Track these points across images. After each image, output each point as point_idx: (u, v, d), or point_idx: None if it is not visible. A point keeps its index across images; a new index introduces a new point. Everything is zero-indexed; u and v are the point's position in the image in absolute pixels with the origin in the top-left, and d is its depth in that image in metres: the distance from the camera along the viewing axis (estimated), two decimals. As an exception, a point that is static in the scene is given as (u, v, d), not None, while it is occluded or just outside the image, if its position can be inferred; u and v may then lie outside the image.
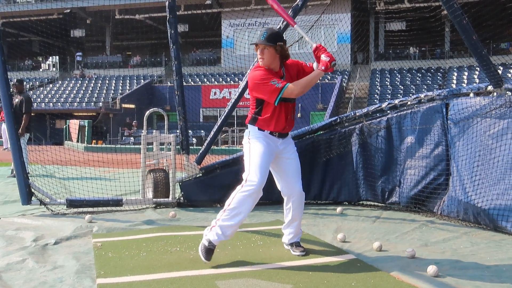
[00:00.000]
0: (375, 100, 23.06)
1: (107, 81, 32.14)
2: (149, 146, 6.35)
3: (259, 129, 3.66)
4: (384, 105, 5.97)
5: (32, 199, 5.48)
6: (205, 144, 6.26)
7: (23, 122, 8.36)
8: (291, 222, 3.85)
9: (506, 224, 4.47)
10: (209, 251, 3.49)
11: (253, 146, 3.62)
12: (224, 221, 3.48)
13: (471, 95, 5.17)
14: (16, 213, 5.49)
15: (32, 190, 5.48)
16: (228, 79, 29.56)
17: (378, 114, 6.01)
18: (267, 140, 3.65)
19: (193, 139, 22.58)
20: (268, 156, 3.60)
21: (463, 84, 22.76)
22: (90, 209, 5.62)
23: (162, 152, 6.56)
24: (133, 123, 26.39)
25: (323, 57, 3.49)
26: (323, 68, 3.47)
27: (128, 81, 31.71)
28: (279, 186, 3.83)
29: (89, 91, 30.99)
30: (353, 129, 6.09)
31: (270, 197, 3.94)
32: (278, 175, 3.80)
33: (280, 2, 3.95)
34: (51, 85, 33.09)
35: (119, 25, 34.06)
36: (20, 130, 8.01)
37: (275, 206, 5.58)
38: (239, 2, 28.68)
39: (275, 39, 3.55)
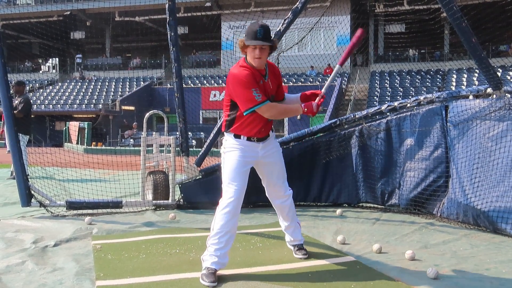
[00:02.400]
0: (375, 102, 23.05)
1: (106, 83, 32.14)
2: (148, 148, 6.35)
3: (235, 136, 3.45)
4: (383, 107, 5.98)
5: (32, 201, 5.48)
6: (205, 146, 6.25)
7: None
8: (286, 223, 3.84)
9: (506, 226, 4.47)
10: (211, 275, 3.22)
11: (227, 160, 3.45)
12: (218, 250, 3.30)
13: (471, 97, 5.18)
14: (16, 215, 5.48)
15: (32, 192, 5.48)
16: (227, 82, 29.52)
17: (377, 116, 6.02)
18: (244, 149, 3.44)
19: (193, 141, 22.57)
20: (242, 169, 3.40)
21: (462, 86, 22.77)
22: (90, 211, 5.62)
23: (162, 154, 6.56)
24: (133, 125, 26.39)
25: (314, 107, 3.38)
26: (305, 110, 3.38)
27: (128, 83, 31.71)
28: (266, 191, 3.76)
29: (89, 93, 30.98)
30: (353, 131, 6.10)
31: (270, 199, 3.94)
32: (262, 179, 3.72)
33: (280, 4, 3.96)
34: (50, 87, 33.08)
35: (119, 27, 34.08)
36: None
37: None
38: (238, 5, 28.71)
39: (271, 36, 3.35)
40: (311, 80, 27.54)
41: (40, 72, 36.34)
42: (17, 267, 3.49)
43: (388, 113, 5.93)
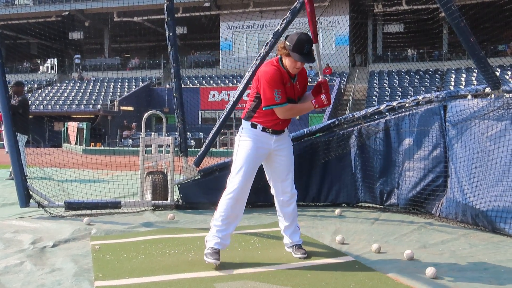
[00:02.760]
0: (374, 102, 23.07)
1: (105, 84, 32.13)
2: (147, 149, 6.35)
3: (252, 125, 3.64)
4: (382, 107, 5.98)
5: (30, 201, 5.47)
6: (204, 146, 6.26)
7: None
8: (287, 223, 3.85)
9: (505, 225, 4.47)
10: (214, 253, 3.51)
11: (241, 147, 3.64)
12: (219, 231, 3.56)
13: (469, 97, 5.18)
14: (14, 215, 5.47)
15: (30, 192, 5.47)
16: (227, 81, 29.58)
17: (376, 116, 6.02)
18: (258, 140, 3.62)
19: (192, 141, 22.58)
20: (253, 159, 3.60)
21: (461, 86, 22.79)
22: (89, 212, 5.61)
23: (161, 154, 6.56)
24: (132, 125, 26.38)
25: (323, 98, 3.56)
26: (316, 106, 3.56)
27: (126, 83, 31.71)
28: (270, 185, 3.83)
29: (88, 94, 30.98)
30: (352, 131, 6.10)
31: (269, 199, 3.94)
32: (269, 173, 3.81)
33: (279, 4, 3.99)
34: (49, 88, 33.07)
35: (117, 27, 34.08)
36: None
37: (273, 208, 5.53)
38: (237, 5, 28.72)
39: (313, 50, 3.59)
40: (310, 80, 27.54)
41: (39, 72, 36.36)
42: (15, 267, 3.49)
43: (386, 113, 5.93)
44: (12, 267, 3.49)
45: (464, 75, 24.98)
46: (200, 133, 24.56)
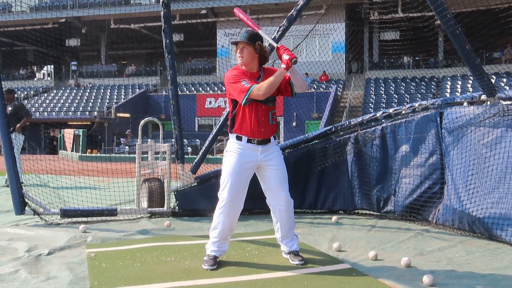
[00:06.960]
0: (370, 109, 23.13)
1: (102, 90, 32.09)
2: (144, 155, 6.33)
3: (237, 137, 3.70)
4: (378, 114, 5.99)
5: (26, 209, 5.44)
6: (200, 153, 6.25)
7: (22, 121, 8.55)
8: (283, 231, 3.85)
9: (501, 232, 4.48)
10: (210, 260, 3.67)
11: (226, 161, 3.72)
12: (215, 242, 3.74)
13: (465, 104, 5.21)
14: (10, 223, 5.44)
15: (26, 200, 5.43)
16: (223, 88, 29.47)
17: (372, 123, 6.03)
18: (243, 153, 3.67)
19: (188, 148, 22.52)
20: (238, 173, 3.65)
21: (457, 93, 22.90)
22: (84, 219, 5.58)
23: (157, 161, 6.54)
24: (127, 132, 26.33)
25: (284, 56, 3.58)
26: (284, 66, 3.57)
27: (123, 90, 31.67)
28: (265, 195, 3.84)
29: (84, 100, 30.91)
30: (348, 138, 6.11)
31: (265, 206, 3.93)
32: (263, 184, 3.82)
33: (276, 11, 4.03)
34: (45, 94, 32.99)
35: (114, 34, 34.06)
36: (17, 127, 8.24)
37: (270, 216, 5.55)
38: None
39: (254, 39, 3.67)
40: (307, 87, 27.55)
41: (35, 79, 36.30)
42: (10, 276, 3.46)
43: (383, 120, 5.95)
44: (7, 275, 3.46)
45: (460, 82, 25.10)
46: (197, 140, 24.50)
